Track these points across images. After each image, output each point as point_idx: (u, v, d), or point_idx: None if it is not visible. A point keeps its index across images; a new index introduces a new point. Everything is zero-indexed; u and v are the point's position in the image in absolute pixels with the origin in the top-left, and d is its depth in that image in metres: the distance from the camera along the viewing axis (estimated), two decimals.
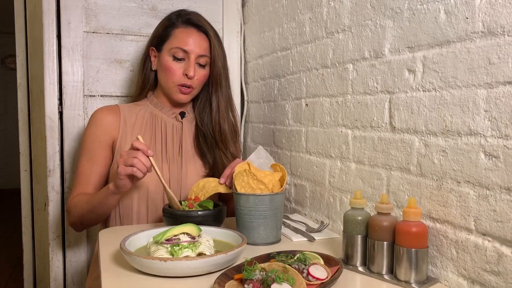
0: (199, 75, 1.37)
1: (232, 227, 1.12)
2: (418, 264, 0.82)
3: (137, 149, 1.15)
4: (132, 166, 1.13)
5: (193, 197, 1.24)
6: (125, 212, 1.33)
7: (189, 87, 1.36)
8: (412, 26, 0.92)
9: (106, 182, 1.39)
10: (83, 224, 1.35)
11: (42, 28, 1.57)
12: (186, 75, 1.35)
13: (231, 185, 1.21)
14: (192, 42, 1.35)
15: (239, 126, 1.52)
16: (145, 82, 1.45)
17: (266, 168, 1.19)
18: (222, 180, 1.24)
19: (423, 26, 0.89)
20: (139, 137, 1.19)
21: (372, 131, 1.05)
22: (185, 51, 1.34)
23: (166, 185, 1.21)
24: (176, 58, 1.35)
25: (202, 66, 1.38)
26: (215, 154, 1.43)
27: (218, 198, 1.48)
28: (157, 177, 1.33)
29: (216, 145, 1.42)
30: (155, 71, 1.43)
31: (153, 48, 1.41)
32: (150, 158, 1.16)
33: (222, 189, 1.24)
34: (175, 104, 1.43)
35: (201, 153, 1.43)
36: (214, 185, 1.24)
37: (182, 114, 1.45)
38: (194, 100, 1.48)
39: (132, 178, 1.18)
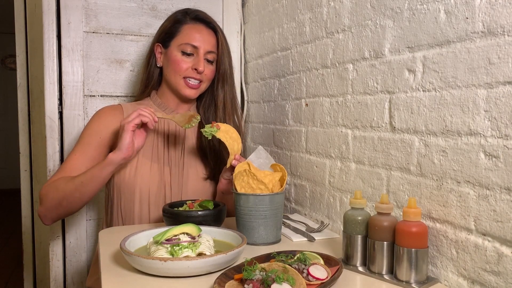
0: (207, 70, 1.37)
1: (232, 227, 1.12)
2: (418, 264, 0.82)
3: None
4: (138, 116, 1.20)
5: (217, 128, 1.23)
6: (127, 214, 1.33)
7: (198, 81, 1.37)
8: (412, 26, 0.92)
9: None
10: (59, 209, 1.26)
11: (42, 28, 1.57)
12: (196, 69, 1.35)
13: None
14: (201, 37, 1.36)
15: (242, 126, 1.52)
16: (149, 79, 1.44)
17: (266, 168, 1.19)
18: (235, 162, 1.21)
19: (423, 26, 0.89)
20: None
21: (372, 131, 1.05)
22: (194, 47, 1.35)
23: (169, 116, 1.27)
24: (185, 53, 1.35)
25: (210, 62, 1.38)
26: (218, 154, 1.42)
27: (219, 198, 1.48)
28: (158, 179, 1.33)
29: (219, 143, 1.42)
30: (160, 69, 1.43)
31: (160, 44, 1.41)
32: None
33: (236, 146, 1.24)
34: (182, 101, 1.42)
35: (203, 154, 1.43)
36: (236, 149, 1.23)
37: None
38: (198, 100, 1.48)
39: (135, 139, 1.23)
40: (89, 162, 1.30)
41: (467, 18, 0.79)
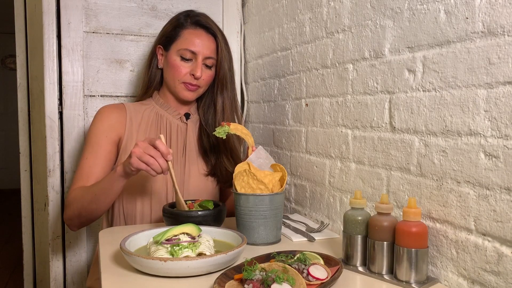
0: (205, 75, 1.38)
1: (232, 227, 1.12)
2: (418, 264, 0.82)
3: (157, 149, 1.12)
4: (147, 164, 1.11)
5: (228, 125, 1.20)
6: (129, 213, 1.33)
7: (195, 85, 1.37)
8: (412, 26, 0.92)
9: None
10: (81, 218, 1.27)
11: (42, 28, 1.57)
12: (193, 75, 1.35)
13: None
14: (200, 43, 1.36)
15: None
16: (151, 81, 1.45)
17: (266, 168, 1.19)
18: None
19: (423, 26, 0.89)
20: (162, 136, 1.15)
21: (372, 131, 1.05)
22: (193, 52, 1.35)
23: (178, 189, 1.18)
24: (183, 59, 1.36)
25: (208, 67, 1.39)
26: (218, 154, 1.43)
27: (219, 198, 1.49)
28: (160, 177, 1.33)
29: (218, 146, 1.43)
30: (161, 70, 1.43)
31: (161, 46, 1.41)
32: (169, 162, 1.13)
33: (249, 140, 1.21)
34: (181, 102, 1.43)
35: (204, 152, 1.44)
36: (251, 142, 1.22)
37: (187, 116, 1.45)
38: (198, 100, 1.48)
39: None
40: (103, 161, 1.32)
41: (467, 18, 0.79)
